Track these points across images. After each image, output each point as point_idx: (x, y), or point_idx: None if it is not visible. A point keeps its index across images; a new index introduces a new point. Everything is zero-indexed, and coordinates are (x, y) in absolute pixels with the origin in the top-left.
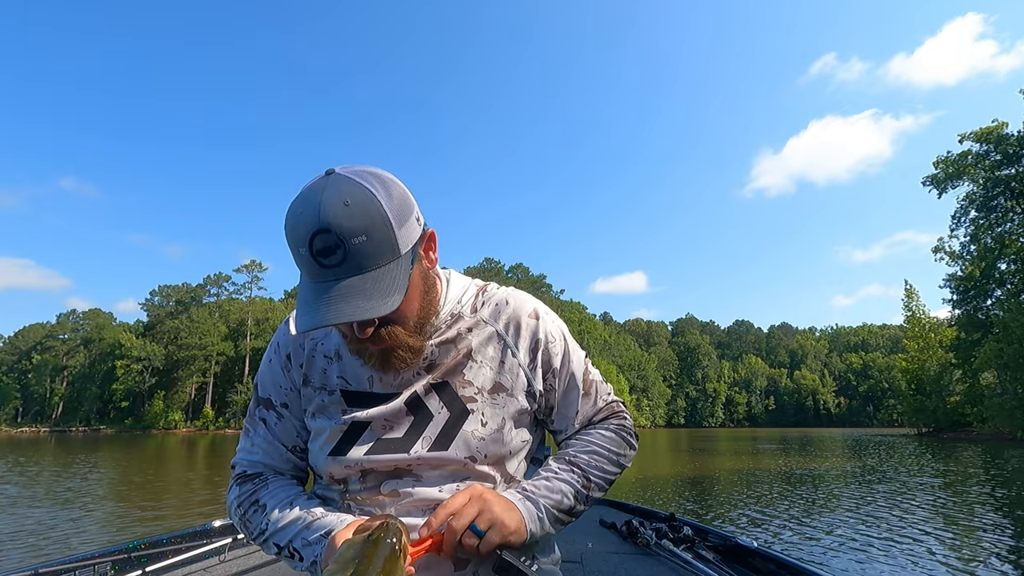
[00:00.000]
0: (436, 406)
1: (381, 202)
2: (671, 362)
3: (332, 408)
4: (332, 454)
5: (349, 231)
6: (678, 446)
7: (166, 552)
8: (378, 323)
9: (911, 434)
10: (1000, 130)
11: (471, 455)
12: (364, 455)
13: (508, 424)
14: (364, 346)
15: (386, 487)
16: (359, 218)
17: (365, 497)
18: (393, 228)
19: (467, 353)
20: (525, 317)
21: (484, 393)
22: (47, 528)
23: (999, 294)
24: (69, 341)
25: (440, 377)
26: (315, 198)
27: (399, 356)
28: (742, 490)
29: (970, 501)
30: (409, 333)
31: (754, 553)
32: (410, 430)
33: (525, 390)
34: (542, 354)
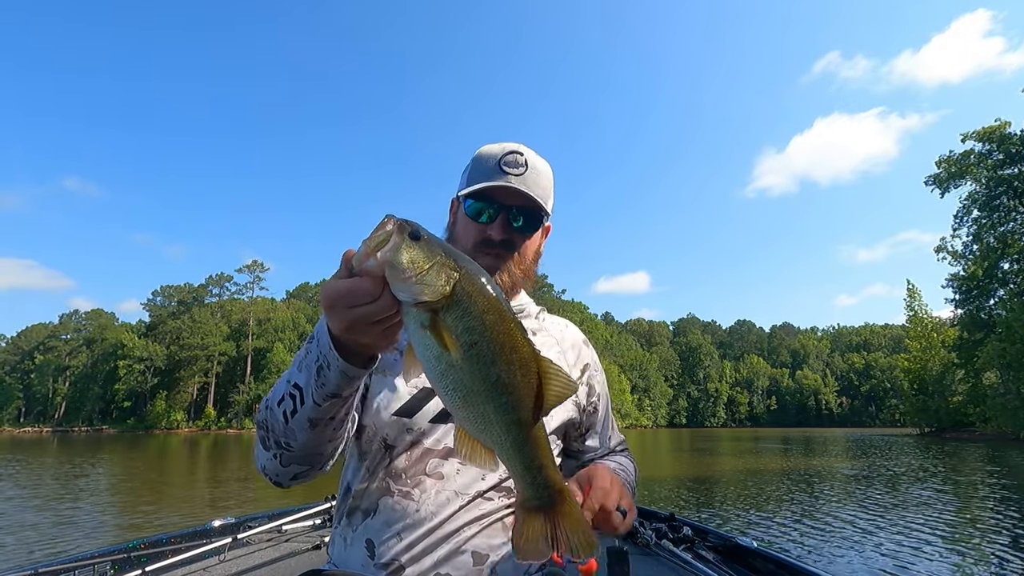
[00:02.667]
0: None
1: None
2: (673, 362)
3: (401, 367)
4: (398, 414)
5: (534, 163)
6: (679, 446)
7: (166, 552)
8: (505, 240)
9: (913, 434)
10: (1002, 129)
11: None
12: (429, 421)
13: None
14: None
15: (432, 466)
16: (542, 162)
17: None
18: (552, 184)
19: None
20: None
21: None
22: (48, 528)
23: (1002, 294)
24: (72, 341)
25: None
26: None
27: (500, 277)
28: (743, 490)
29: (972, 501)
30: (519, 264)
31: (753, 553)
32: None
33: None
34: (588, 377)
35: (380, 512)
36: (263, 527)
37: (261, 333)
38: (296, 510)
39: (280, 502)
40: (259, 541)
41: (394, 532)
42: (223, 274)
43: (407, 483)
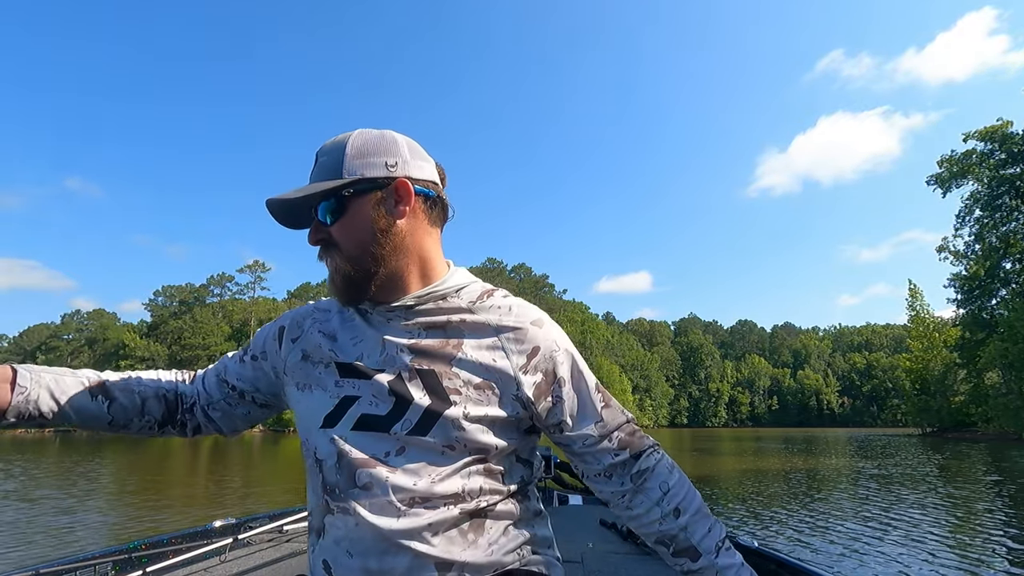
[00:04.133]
0: (419, 392)
1: (353, 136)
2: (674, 362)
3: (327, 379)
4: (323, 426)
5: (324, 150)
6: (681, 446)
7: (167, 552)
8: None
9: (915, 434)
10: (1005, 129)
11: (449, 444)
12: (351, 429)
13: (490, 422)
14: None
15: (361, 477)
16: (334, 142)
17: (342, 488)
18: (345, 155)
19: (457, 345)
20: (528, 323)
21: (470, 387)
22: (48, 528)
23: (1004, 293)
24: (73, 341)
25: (426, 363)
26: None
27: (334, 279)
28: (744, 490)
29: (974, 501)
30: (344, 260)
31: (754, 553)
32: (393, 411)
33: (513, 394)
34: (542, 361)
35: (328, 532)
36: (264, 527)
37: None
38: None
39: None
40: (260, 541)
41: (344, 551)
42: (224, 274)
43: (342, 498)
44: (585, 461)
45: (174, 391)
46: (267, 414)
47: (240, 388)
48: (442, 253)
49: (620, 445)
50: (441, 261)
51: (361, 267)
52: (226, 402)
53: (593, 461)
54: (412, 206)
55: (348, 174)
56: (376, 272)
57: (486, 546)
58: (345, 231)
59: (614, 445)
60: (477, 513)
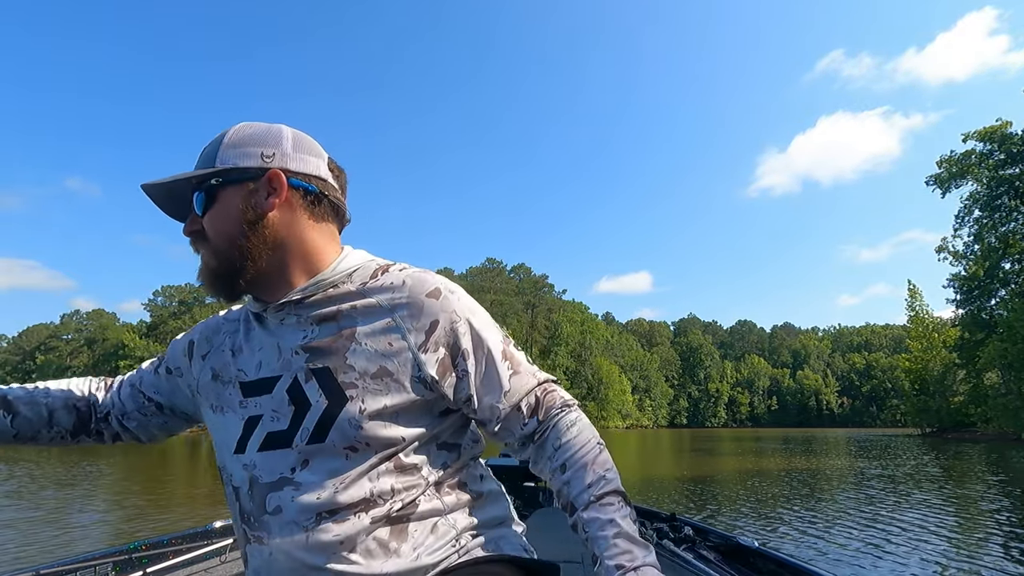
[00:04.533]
0: (315, 394)
1: (236, 127)
2: (673, 362)
3: (234, 400)
4: (236, 452)
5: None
6: (680, 446)
7: (167, 553)
8: (198, 231)
9: (914, 434)
10: (1004, 129)
11: (350, 445)
12: (258, 451)
13: (394, 411)
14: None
15: (271, 502)
16: (219, 134)
17: (255, 517)
18: (221, 144)
19: (350, 335)
20: (423, 296)
21: (366, 378)
22: (48, 529)
23: (1003, 294)
24: (73, 341)
25: (320, 362)
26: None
27: (200, 275)
28: (744, 490)
29: (974, 502)
30: (210, 253)
31: (755, 553)
32: (292, 421)
33: (415, 376)
34: (442, 336)
35: (249, 562)
36: None
37: None
38: None
39: None
40: None
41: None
42: None
43: (256, 527)
44: (500, 436)
45: (86, 401)
46: (187, 426)
47: (156, 400)
48: (337, 246)
49: (529, 412)
50: (331, 252)
51: (227, 261)
52: (141, 413)
53: (507, 434)
54: (285, 199)
55: (220, 163)
56: (243, 267)
57: (410, 551)
58: (213, 222)
59: (524, 413)
60: (396, 518)
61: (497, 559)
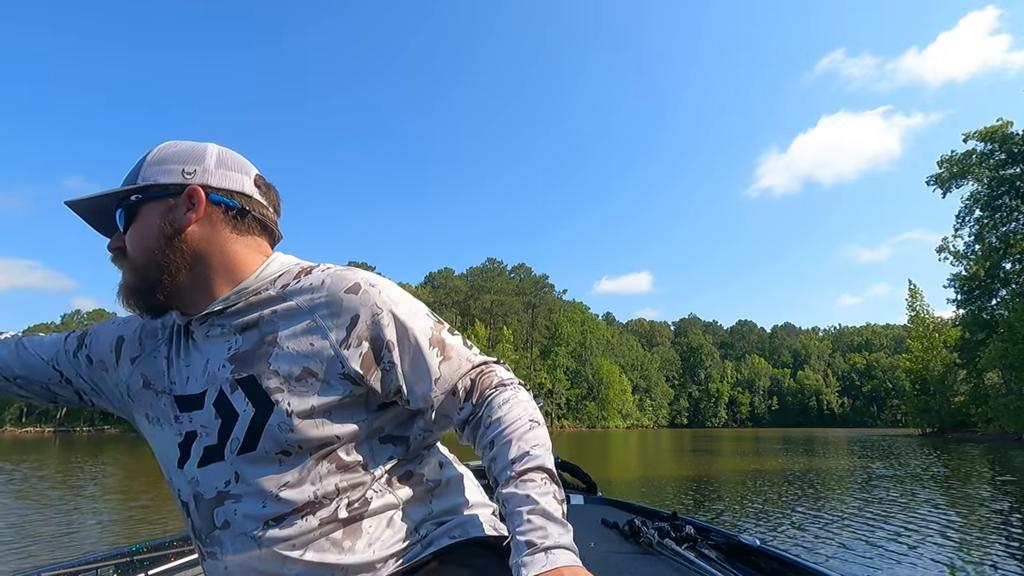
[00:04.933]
0: (241, 403)
1: (161, 145)
2: (674, 362)
3: (169, 413)
4: (179, 466)
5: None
6: (681, 446)
7: (168, 555)
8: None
9: (915, 434)
10: (1005, 129)
11: (282, 449)
12: (198, 467)
13: (323, 410)
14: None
15: (218, 517)
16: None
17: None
18: (144, 162)
19: (272, 340)
20: (341, 292)
21: (291, 381)
22: (49, 531)
23: (1004, 294)
24: None
25: (244, 371)
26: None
27: (119, 290)
28: (745, 490)
29: (975, 501)
30: (129, 267)
31: (756, 552)
32: (221, 434)
33: (339, 373)
34: (364, 330)
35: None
36: None
37: None
38: None
39: None
40: None
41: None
42: None
43: (208, 542)
44: (439, 424)
45: None
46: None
47: (68, 377)
48: (261, 258)
49: (464, 396)
50: (256, 263)
51: (144, 276)
52: (42, 385)
53: (445, 421)
54: (204, 213)
55: (142, 180)
56: (160, 280)
57: (365, 547)
58: (133, 238)
59: (460, 398)
60: (347, 518)
61: (464, 544)
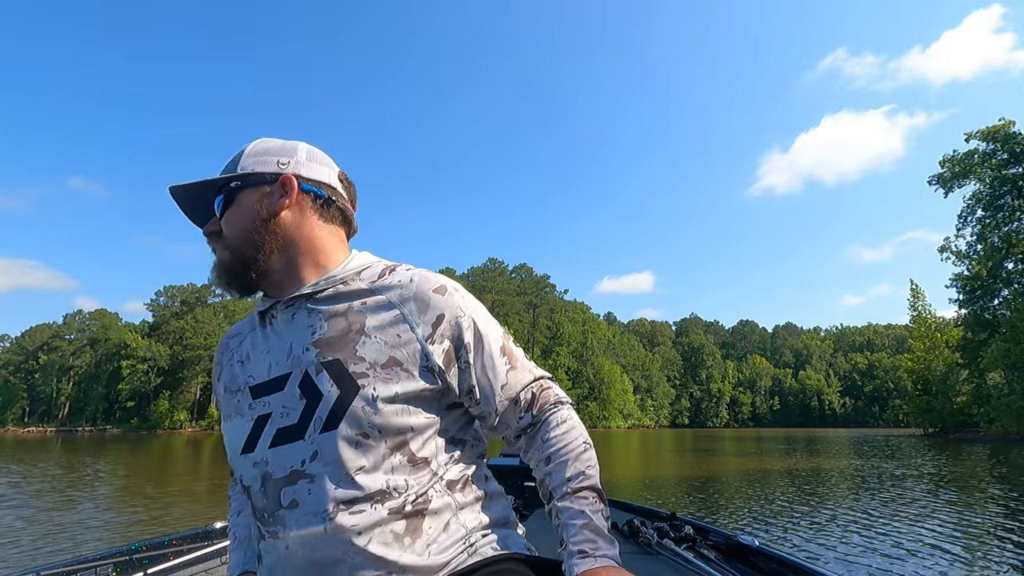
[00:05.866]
0: (327, 385)
1: (257, 140)
2: (675, 362)
3: (243, 405)
4: (243, 452)
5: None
6: (682, 446)
7: (167, 554)
8: (216, 231)
9: (917, 434)
10: (1007, 129)
11: (363, 431)
12: (269, 447)
13: (405, 399)
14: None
15: (286, 496)
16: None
17: (269, 511)
18: (242, 154)
19: (360, 328)
20: (429, 291)
21: (377, 368)
22: (49, 530)
23: (1006, 294)
24: (75, 341)
25: (330, 354)
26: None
27: (215, 267)
28: (745, 490)
29: (976, 502)
30: (224, 247)
31: (755, 552)
32: (304, 414)
33: (423, 366)
34: (447, 329)
35: (264, 559)
36: None
37: None
38: None
39: None
40: None
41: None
42: None
43: (270, 522)
44: (498, 430)
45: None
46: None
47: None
48: (346, 248)
49: (525, 406)
50: (340, 252)
51: (240, 255)
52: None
53: (504, 427)
54: (295, 200)
55: (240, 170)
56: (256, 259)
57: (423, 547)
58: (230, 221)
59: (521, 407)
60: (411, 513)
61: (507, 557)
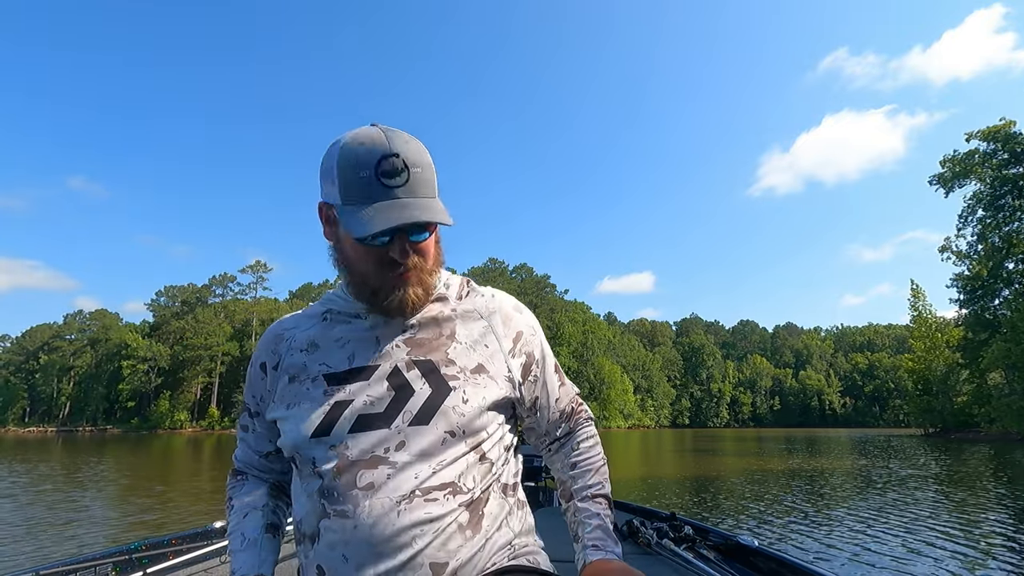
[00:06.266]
0: (418, 382)
1: (424, 148)
2: (675, 362)
3: (315, 392)
4: (315, 435)
5: (412, 160)
6: (682, 446)
7: (167, 553)
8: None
9: (918, 434)
10: (1008, 128)
11: (451, 430)
12: (348, 432)
13: (488, 405)
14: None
15: (362, 478)
16: (418, 153)
17: (341, 492)
18: (432, 166)
19: (451, 334)
20: (510, 309)
21: (467, 372)
22: (49, 528)
23: (1007, 293)
24: (76, 341)
25: (423, 354)
26: (377, 133)
27: (415, 292)
28: (745, 490)
29: (977, 502)
30: (427, 272)
31: (755, 552)
32: (391, 405)
33: (505, 376)
34: (523, 345)
35: (323, 536)
36: None
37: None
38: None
39: None
40: None
41: (339, 555)
42: (227, 274)
43: (340, 500)
44: (540, 438)
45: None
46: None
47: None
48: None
49: (564, 418)
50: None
51: (431, 282)
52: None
53: (546, 436)
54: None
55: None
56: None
57: (482, 542)
58: (431, 253)
59: (563, 420)
60: (474, 509)
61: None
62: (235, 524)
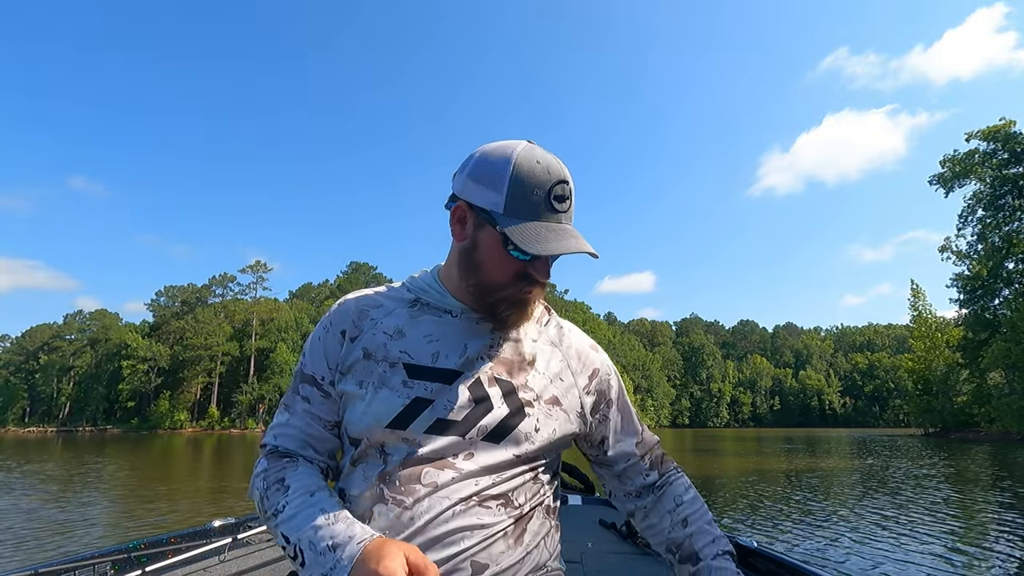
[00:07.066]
0: (498, 400)
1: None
2: (675, 362)
3: (393, 379)
4: (391, 426)
5: (572, 190)
6: (682, 446)
7: (166, 552)
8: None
9: (918, 434)
10: (1008, 128)
11: (519, 453)
12: (424, 432)
13: (556, 437)
14: (523, 288)
15: (426, 475)
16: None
17: (403, 483)
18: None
19: (531, 360)
20: (587, 347)
21: (541, 401)
22: (48, 528)
23: (1007, 293)
24: (76, 341)
25: (505, 374)
26: (553, 157)
27: (531, 310)
28: (745, 490)
29: (977, 502)
30: (543, 295)
31: (754, 553)
32: (469, 415)
33: (578, 412)
34: (598, 384)
35: (375, 519)
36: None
37: (264, 333)
38: None
39: None
40: (259, 541)
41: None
42: (227, 274)
43: (401, 490)
44: (622, 481)
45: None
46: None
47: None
48: None
49: (651, 466)
50: None
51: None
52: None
53: (628, 482)
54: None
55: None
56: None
57: (522, 554)
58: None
59: (647, 465)
60: (520, 521)
61: None
62: (301, 502)
